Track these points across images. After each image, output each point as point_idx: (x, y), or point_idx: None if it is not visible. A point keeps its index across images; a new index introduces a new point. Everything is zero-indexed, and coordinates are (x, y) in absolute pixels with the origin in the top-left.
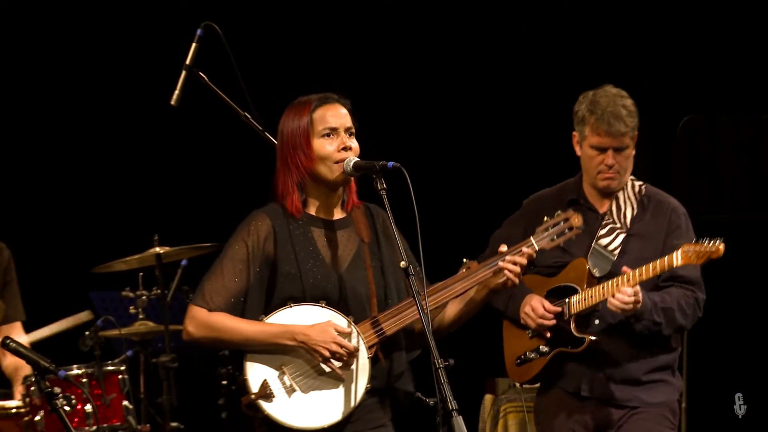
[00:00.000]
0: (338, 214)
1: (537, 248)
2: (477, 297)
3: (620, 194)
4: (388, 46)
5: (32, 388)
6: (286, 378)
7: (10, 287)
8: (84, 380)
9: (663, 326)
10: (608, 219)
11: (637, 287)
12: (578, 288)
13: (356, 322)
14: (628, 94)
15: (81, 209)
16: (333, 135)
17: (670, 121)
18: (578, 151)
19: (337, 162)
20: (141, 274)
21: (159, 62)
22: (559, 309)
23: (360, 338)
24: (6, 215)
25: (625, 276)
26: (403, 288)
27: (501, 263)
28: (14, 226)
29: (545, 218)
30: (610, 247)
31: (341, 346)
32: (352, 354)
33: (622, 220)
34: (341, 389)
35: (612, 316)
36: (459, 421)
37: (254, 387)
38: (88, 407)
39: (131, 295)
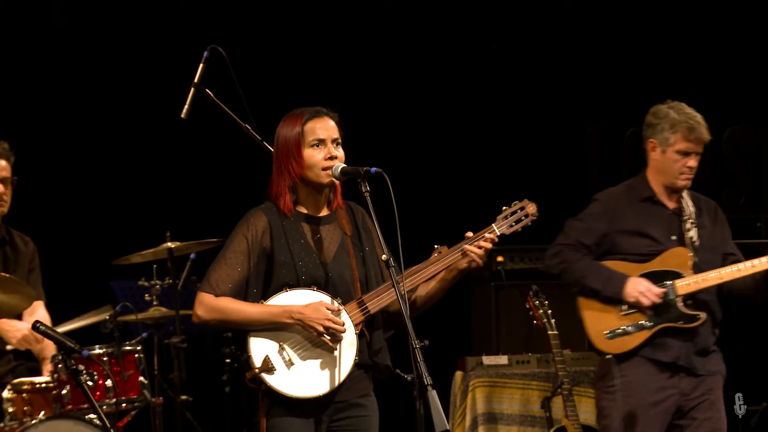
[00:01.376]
0: (324, 212)
1: (498, 233)
2: (448, 277)
3: (684, 194)
4: (370, 63)
5: (59, 366)
6: (285, 353)
7: (34, 273)
8: (105, 359)
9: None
10: (686, 215)
11: None
12: (683, 273)
13: (343, 303)
14: None
15: (103, 209)
16: (321, 145)
17: (619, 131)
18: (656, 156)
19: (324, 169)
20: (155, 266)
21: (174, 79)
22: (665, 290)
23: (348, 317)
24: (37, 215)
25: (744, 264)
26: (380, 274)
27: (467, 247)
28: (45, 225)
29: (504, 207)
30: (693, 239)
31: (333, 322)
32: (342, 329)
33: (693, 216)
34: (333, 362)
35: (702, 297)
36: (433, 395)
37: (257, 362)
38: (109, 382)
39: (146, 284)
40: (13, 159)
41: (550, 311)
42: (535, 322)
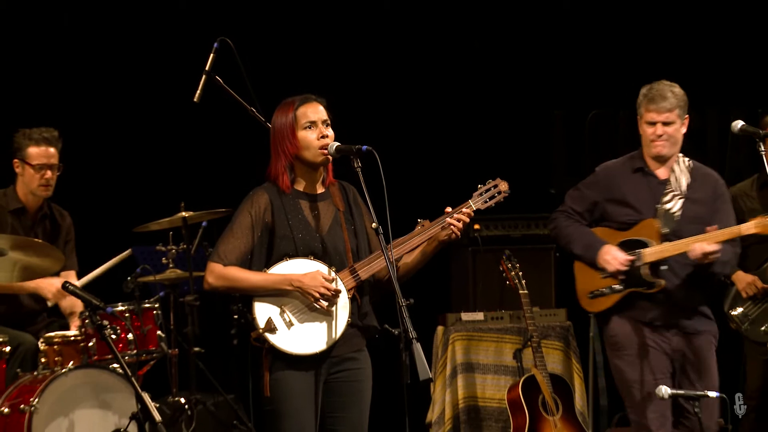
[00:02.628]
0: (319, 189)
1: (474, 209)
2: (429, 248)
3: (676, 166)
4: (362, 59)
5: (86, 321)
6: (286, 315)
7: (70, 245)
8: (126, 315)
9: (718, 273)
10: (669, 187)
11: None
12: (651, 242)
13: (337, 271)
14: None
15: (126, 183)
16: (313, 127)
17: (583, 113)
18: (639, 129)
19: (320, 148)
20: (171, 232)
21: (188, 66)
22: (633, 258)
23: (341, 283)
24: (71, 189)
25: (702, 236)
26: (369, 246)
27: (448, 220)
28: (77, 197)
29: (479, 185)
30: (673, 210)
31: (327, 289)
32: (336, 295)
33: (681, 187)
34: (329, 323)
35: (676, 263)
36: (417, 347)
37: (261, 324)
38: (130, 336)
39: (163, 249)
40: (60, 146)
41: (521, 273)
42: (507, 282)
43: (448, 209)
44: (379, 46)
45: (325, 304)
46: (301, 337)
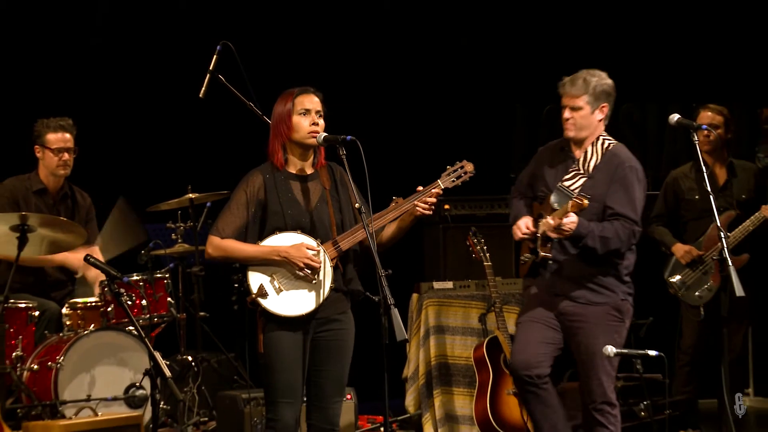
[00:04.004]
0: (309, 171)
1: (443, 187)
2: (403, 223)
3: (590, 147)
4: (345, 60)
5: (105, 289)
6: (275, 282)
7: (92, 222)
8: (141, 284)
9: (597, 249)
10: (575, 166)
11: (572, 217)
12: (545, 215)
13: (322, 243)
14: (604, 74)
15: (140, 169)
16: (307, 114)
17: (539, 107)
18: None
19: (309, 133)
20: (179, 212)
21: (194, 65)
22: (534, 230)
23: (325, 253)
24: (92, 175)
25: (563, 209)
26: (353, 219)
27: (418, 199)
28: (97, 180)
29: (447, 166)
30: (572, 187)
31: (310, 260)
32: (319, 265)
33: (586, 167)
34: (313, 288)
35: (566, 240)
36: (395, 312)
37: (254, 289)
38: (144, 302)
39: (173, 226)
40: (75, 132)
41: (485, 247)
42: (473, 255)
43: (420, 188)
44: (364, 49)
45: (308, 272)
46: (289, 301)
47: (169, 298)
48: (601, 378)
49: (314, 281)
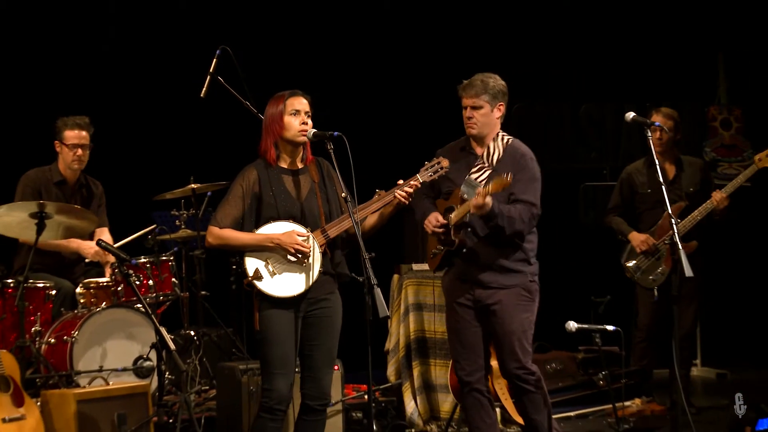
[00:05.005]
0: (299, 165)
1: (421, 181)
2: (385, 212)
3: (491, 144)
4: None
5: (116, 270)
6: (269, 266)
7: (102, 208)
8: (148, 266)
9: (505, 228)
10: (480, 161)
11: (489, 198)
12: (455, 207)
13: (312, 231)
14: (497, 77)
15: (147, 161)
16: (297, 114)
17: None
18: None
19: (299, 131)
20: (182, 200)
21: (196, 67)
22: (445, 221)
23: (314, 240)
24: (104, 166)
25: (479, 193)
26: (340, 210)
27: (399, 191)
28: (109, 171)
29: (425, 162)
30: (479, 180)
31: (300, 246)
32: (309, 251)
33: (490, 161)
34: (304, 272)
35: (477, 225)
36: (377, 291)
37: (250, 272)
38: (150, 282)
39: (177, 213)
40: (92, 130)
41: None
42: None
43: (400, 182)
44: (352, 58)
45: (299, 257)
46: (282, 283)
47: (173, 279)
48: (517, 353)
49: (305, 265)
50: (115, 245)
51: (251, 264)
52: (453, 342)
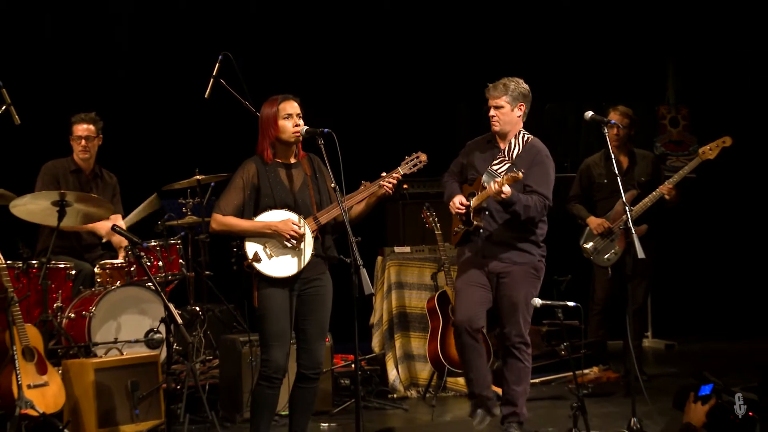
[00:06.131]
0: (292, 160)
1: (402, 173)
2: (371, 201)
3: (512, 140)
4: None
5: (129, 253)
6: (267, 250)
7: (117, 197)
8: (157, 248)
9: (521, 214)
10: (501, 155)
11: (507, 187)
12: (477, 192)
13: (304, 218)
14: (521, 80)
15: (157, 154)
16: (289, 118)
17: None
18: None
19: (292, 133)
20: (189, 190)
21: (202, 70)
22: (468, 203)
23: (307, 226)
24: (118, 159)
25: (496, 183)
26: (329, 199)
27: (382, 182)
28: (122, 163)
29: (406, 156)
30: (499, 170)
31: (295, 232)
32: (302, 236)
33: (510, 155)
34: (298, 255)
35: (494, 210)
36: (363, 272)
37: (250, 255)
38: (160, 263)
39: (183, 201)
40: (100, 124)
41: (436, 219)
42: (427, 225)
43: (383, 174)
44: (341, 62)
45: (293, 242)
46: (278, 265)
47: (180, 260)
48: (520, 323)
49: (298, 249)
50: (126, 220)
51: (251, 248)
52: (460, 298)
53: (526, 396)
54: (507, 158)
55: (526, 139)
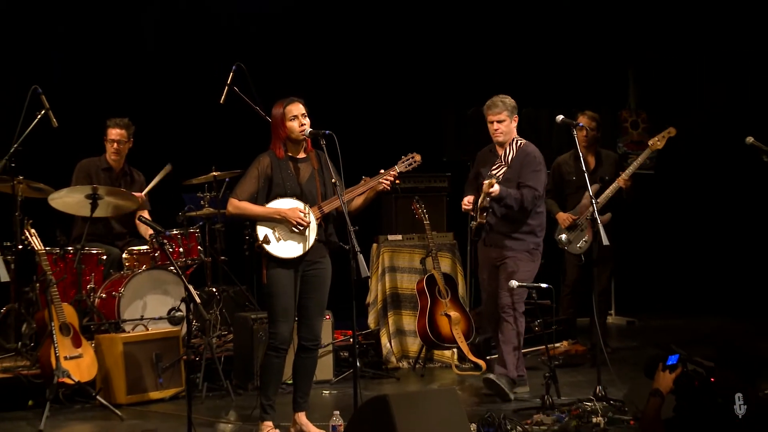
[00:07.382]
0: (301, 155)
1: (398, 171)
2: (369, 195)
3: (508, 147)
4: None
5: (153, 240)
6: (276, 234)
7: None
8: (179, 236)
9: (513, 206)
10: (498, 161)
11: (496, 186)
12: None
13: (310, 207)
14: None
15: (178, 153)
16: (295, 119)
17: (464, 109)
18: (488, 126)
19: (299, 131)
20: (206, 185)
21: (220, 78)
22: (473, 203)
23: (312, 214)
24: (145, 158)
25: (484, 184)
26: (333, 191)
27: (381, 180)
28: (148, 162)
29: (402, 156)
30: (496, 174)
31: (301, 219)
32: (307, 222)
33: (506, 160)
34: (303, 239)
35: (495, 208)
36: (360, 257)
37: (260, 237)
38: (181, 249)
39: (201, 195)
40: (132, 129)
41: (425, 210)
42: (416, 216)
43: (381, 171)
44: (344, 67)
45: (300, 228)
46: (285, 247)
47: (199, 247)
48: (509, 294)
49: (304, 234)
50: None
51: (261, 231)
52: (484, 291)
53: (515, 355)
54: (503, 163)
55: (519, 144)
